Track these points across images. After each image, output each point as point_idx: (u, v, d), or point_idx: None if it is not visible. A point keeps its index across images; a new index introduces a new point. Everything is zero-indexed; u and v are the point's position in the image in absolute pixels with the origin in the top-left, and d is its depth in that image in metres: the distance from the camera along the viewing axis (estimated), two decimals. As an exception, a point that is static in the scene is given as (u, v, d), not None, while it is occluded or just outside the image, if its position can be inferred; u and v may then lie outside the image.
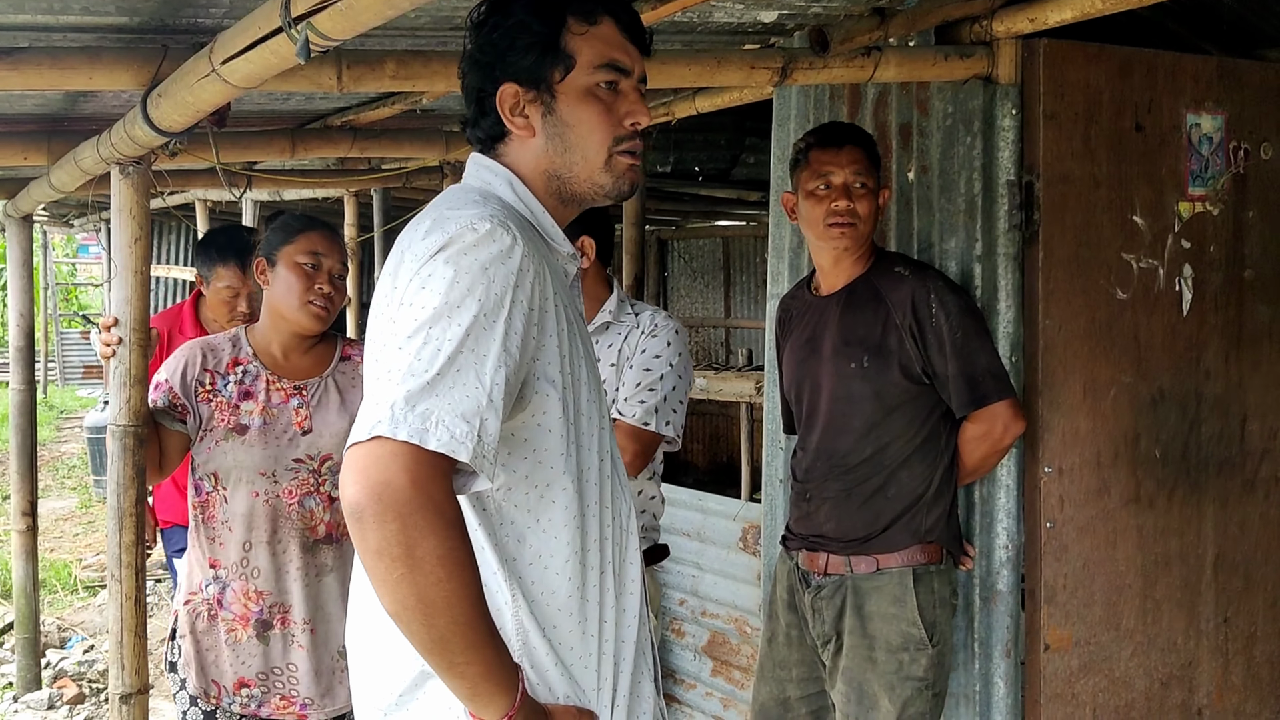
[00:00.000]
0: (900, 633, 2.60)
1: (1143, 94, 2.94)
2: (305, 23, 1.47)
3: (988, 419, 2.62)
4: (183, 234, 12.90)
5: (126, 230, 2.77)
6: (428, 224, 1.48)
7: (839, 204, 2.63)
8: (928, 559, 2.65)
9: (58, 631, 5.89)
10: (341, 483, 1.33)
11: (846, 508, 2.70)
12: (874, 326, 2.65)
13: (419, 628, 1.34)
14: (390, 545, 1.29)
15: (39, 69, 2.25)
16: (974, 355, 2.59)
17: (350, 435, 1.35)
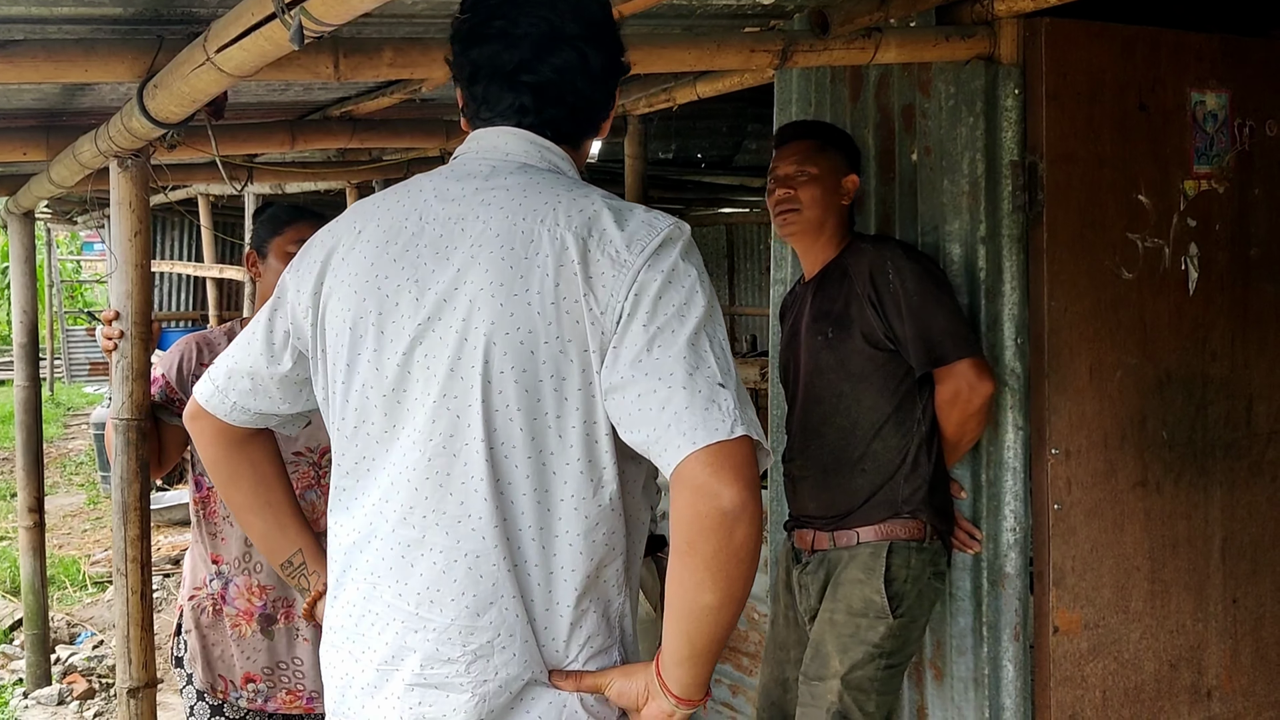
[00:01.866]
0: (863, 598, 2.64)
1: (1146, 72, 2.92)
2: (298, 8, 1.46)
3: (952, 379, 2.63)
4: (186, 229, 12.92)
5: (126, 224, 2.76)
6: (609, 216, 1.45)
7: (778, 193, 2.79)
8: (909, 535, 2.67)
9: (67, 627, 5.90)
10: (706, 482, 1.34)
11: (825, 484, 2.75)
12: (838, 299, 2.73)
13: (726, 619, 1.41)
14: (753, 538, 1.36)
15: (34, 62, 2.23)
16: (930, 316, 2.62)
17: (682, 434, 1.36)
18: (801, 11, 2.98)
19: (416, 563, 1.50)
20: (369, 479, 1.56)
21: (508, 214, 1.48)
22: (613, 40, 1.61)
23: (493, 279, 1.45)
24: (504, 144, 1.57)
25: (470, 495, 1.47)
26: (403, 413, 1.51)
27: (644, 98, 4.16)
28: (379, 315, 1.53)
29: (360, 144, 4.09)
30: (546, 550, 1.48)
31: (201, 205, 8.25)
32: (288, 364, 1.67)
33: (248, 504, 1.80)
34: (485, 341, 1.44)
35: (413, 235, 1.53)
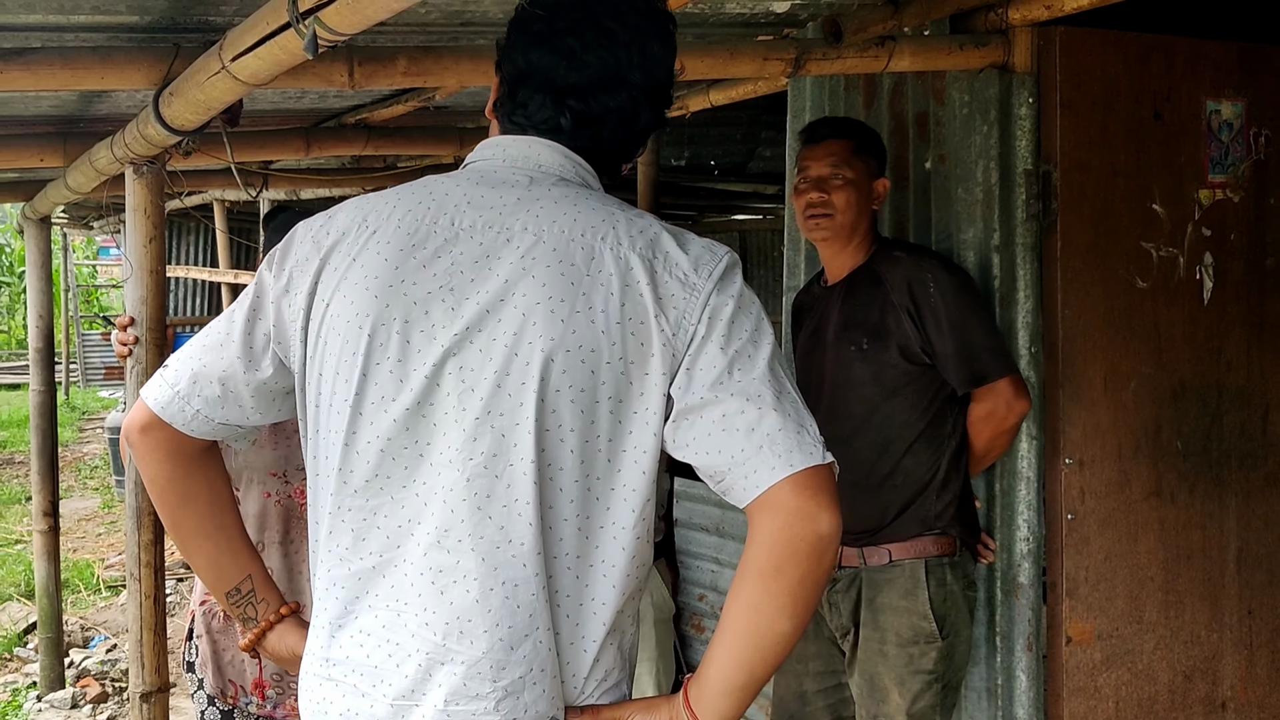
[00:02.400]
0: (911, 626, 2.59)
1: (1161, 81, 2.91)
2: (313, 17, 1.46)
3: (990, 397, 2.61)
4: (201, 235, 12.98)
5: (141, 230, 2.77)
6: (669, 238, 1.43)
7: (811, 196, 2.70)
8: (940, 550, 2.63)
9: (81, 631, 5.93)
10: (803, 505, 1.35)
11: (853, 498, 2.65)
12: (872, 309, 2.66)
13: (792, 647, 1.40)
14: (833, 568, 1.38)
15: (51, 69, 2.24)
16: (972, 332, 2.58)
17: (777, 455, 1.35)
18: (814, 20, 2.98)
19: (448, 590, 1.40)
20: (391, 496, 1.44)
21: (562, 228, 1.42)
22: (666, 101, 1.57)
23: (551, 294, 1.38)
24: (536, 154, 1.50)
25: (513, 520, 1.38)
26: (430, 429, 1.41)
27: (657, 105, 4.16)
28: (404, 323, 1.42)
29: (375, 150, 4.10)
30: (580, 581, 1.41)
31: (217, 211, 8.28)
32: (268, 371, 1.53)
33: (200, 528, 1.64)
34: (543, 358, 1.37)
35: (445, 241, 1.44)
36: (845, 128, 2.79)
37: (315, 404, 1.49)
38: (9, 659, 5.72)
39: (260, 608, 1.71)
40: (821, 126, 2.80)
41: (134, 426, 1.59)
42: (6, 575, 7.05)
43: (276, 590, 1.73)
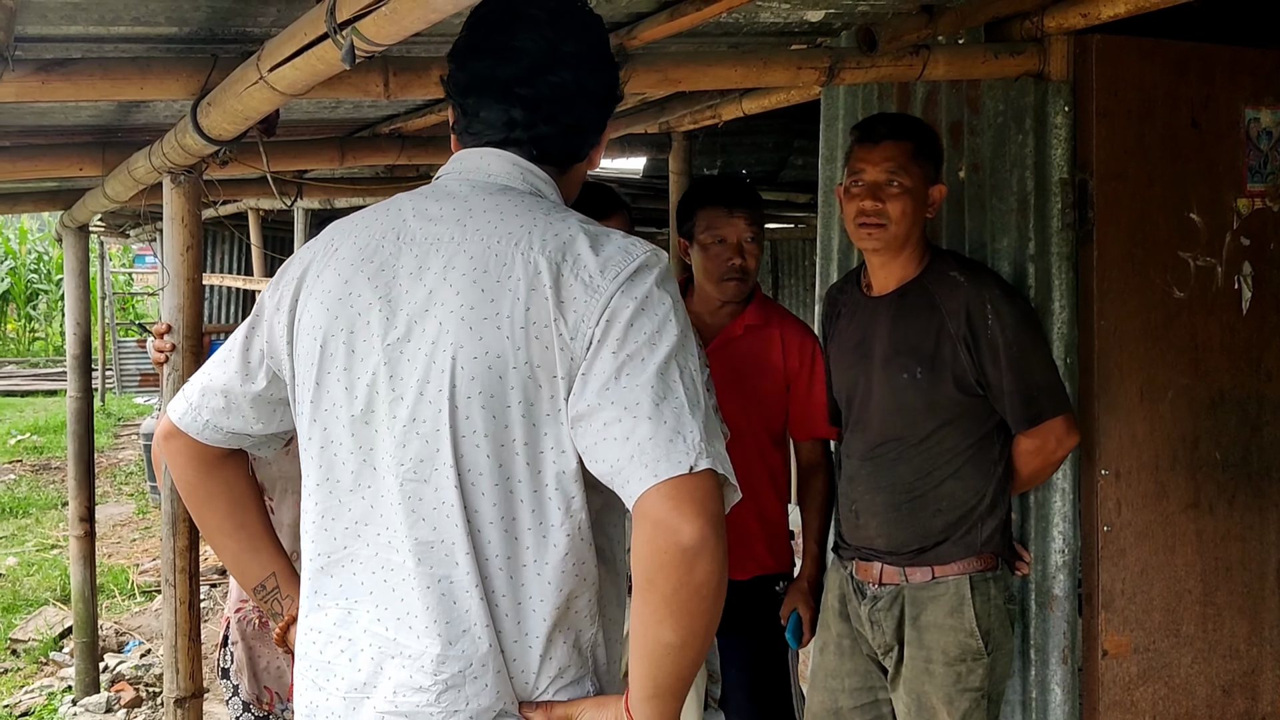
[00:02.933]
0: (958, 644, 2.55)
1: (1199, 89, 2.89)
2: (350, 28, 1.48)
3: (1041, 435, 2.55)
4: (235, 243, 13.08)
5: (178, 238, 2.80)
6: (584, 241, 1.44)
7: (864, 204, 2.56)
8: (983, 566, 2.60)
9: (115, 635, 5.98)
10: (665, 516, 1.32)
11: (895, 521, 2.63)
12: (927, 336, 2.56)
13: (694, 657, 1.39)
14: (715, 575, 1.34)
15: (91, 80, 2.27)
16: (1030, 370, 2.51)
17: (644, 465, 1.33)
18: (849, 29, 2.97)
19: (398, 587, 1.48)
20: (339, 500, 1.53)
21: (482, 236, 1.46)
22: (610, 66, 1.60)
23: (463, 301, 1.43)
24: (486, 164, 1.56)
25: (443, 522, 1.45)
26: (372, 434, 1.49)
27: (689, 114, 4.17)
28: (349, 334, 1.51)
29: (408, 160, 4.13)
30: (514, 580, 1.46)
31: (251, 219, 8.35)
32: (262, 383, 1.64)
33: (221, 527, 1.76)
34: (452, 365, 1.43)
35: (390, 255, 1.51)
36: (905, 128, 2.63)
37: (296, 413, 1.61)
38: (45, 663, 5.77)
39: (285, 603, 1.81)
40: (880, 125, 2.63)
41: (160, 435, 1.75)
42: (43, 580, 7.13)
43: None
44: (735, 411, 2.89)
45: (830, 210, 3.41)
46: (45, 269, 23.83)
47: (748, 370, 3.02)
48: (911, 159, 2.56)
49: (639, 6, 2.48)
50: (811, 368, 3.02)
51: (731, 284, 3.00)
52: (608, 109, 1.62)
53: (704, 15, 2.33)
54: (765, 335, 3.05)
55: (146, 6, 2.14)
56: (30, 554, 7.87)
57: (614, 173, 6.74)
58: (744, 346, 3.04)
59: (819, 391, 3.01)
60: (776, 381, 3.03)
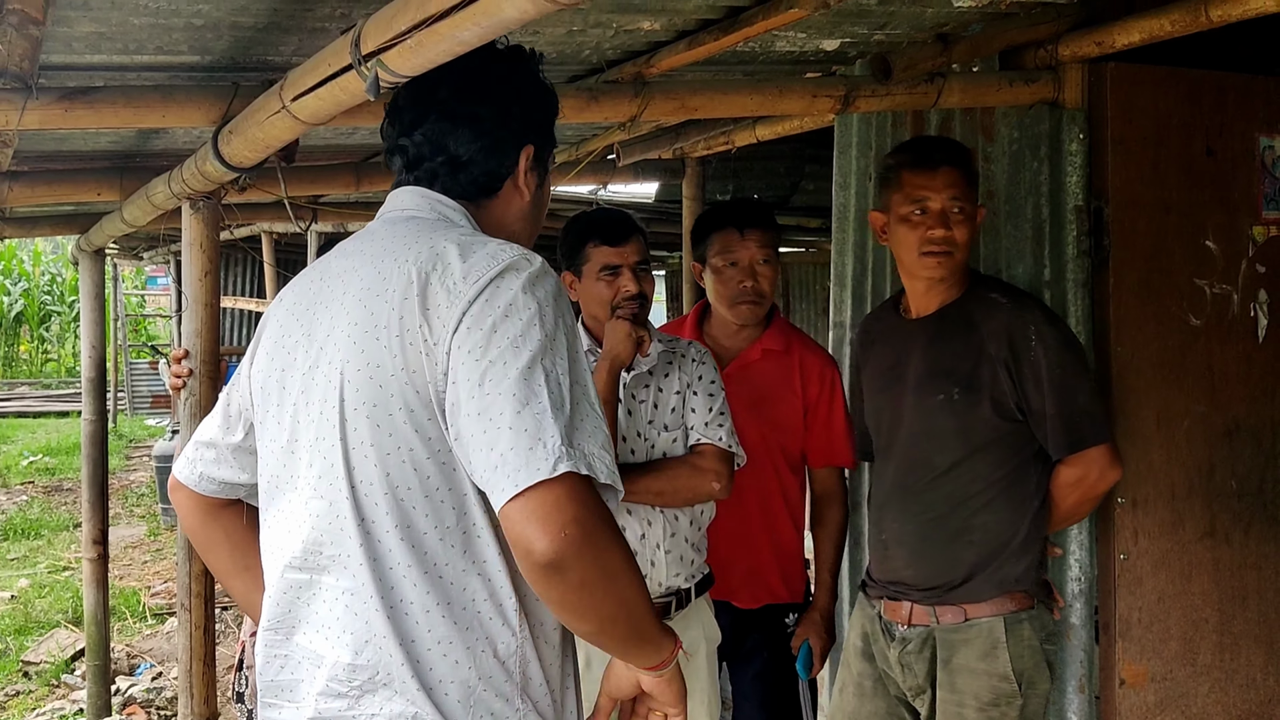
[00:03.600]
0: (991, 688, 2.48)
1: (1213, 117, 2.89)
2: (375, 60, 1.49)
3: (1083, 464, 2.47)
4: (249, 266, 13.13)
5: (197, 264, 2.82)
6: (455, 250, 1.47)
7: (935, 233, 2.48)
8: (1018, 606, 2.52)
9: (127, 658, 5.98)
10: (519, 535, 1.32)
11: (924, 552, 2.57)
12: (965, 357, 2.51)
13: (622, 627, 1.44)
14: (590, 573, 1.34)
15: (114, 108, 2.29)
16: (1073, 394, 2.44)
17: (502, 481, 1.32)
18: (864, 57, 2.98)
19: (311, 602, 1.55)
20: (273, 528, 1.62)
21: (374, 259, 1.54)
22: (492, 96, 1.64)
23: (350, 319, 1.51)
24: (402, 201, 1.65)
25: (338, 535, 1.50)
26: (295, 461, 1.57)
27: (702, 140, 4.19)
28: (281, 372, 1.60)
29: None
30: (420, 588, 1.46)
31: (265, 243, 8.39)
32: (240, 434, 1.73)
33: (226, 569, 1.85)
34: (340, 379, 1.49)
35: (314, 294, 1.61)
36: (959, 154, 2.57)
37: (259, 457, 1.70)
38: (57, 686, 5.77)
39: None
40: (936, 151, 2.56)
41: (170, 488, 1.85)
42: (55, 602, 7.13)
43: None
44: (752, 437, 2.88)
45: (844, 236, 3.42)
46: (59, 290, 23.94)
47: (765, 395, 3.01)
48: (970, 185, 2.54)
49: (658, 36, 2.49)
50: (831, 395, 3.02)
51: (744, 307, 2.99)
52: (503, 136, 1.64)
53: (722, 45, 2.35)
54: (784, 361, 3.04)
55: (170, 36, 2.17)
56: (42, 576, 7.88)
57: (626, 198, 6.77)
58: (762, 371, 3.04)
59: (837, 419, 3.01)
60: (794, 408, 3.02)
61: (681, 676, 1.59)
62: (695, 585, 2.77)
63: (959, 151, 2.60)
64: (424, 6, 1.31)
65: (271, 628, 1.61)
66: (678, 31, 2.47)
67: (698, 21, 2.40)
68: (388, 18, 1.43)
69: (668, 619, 2.72)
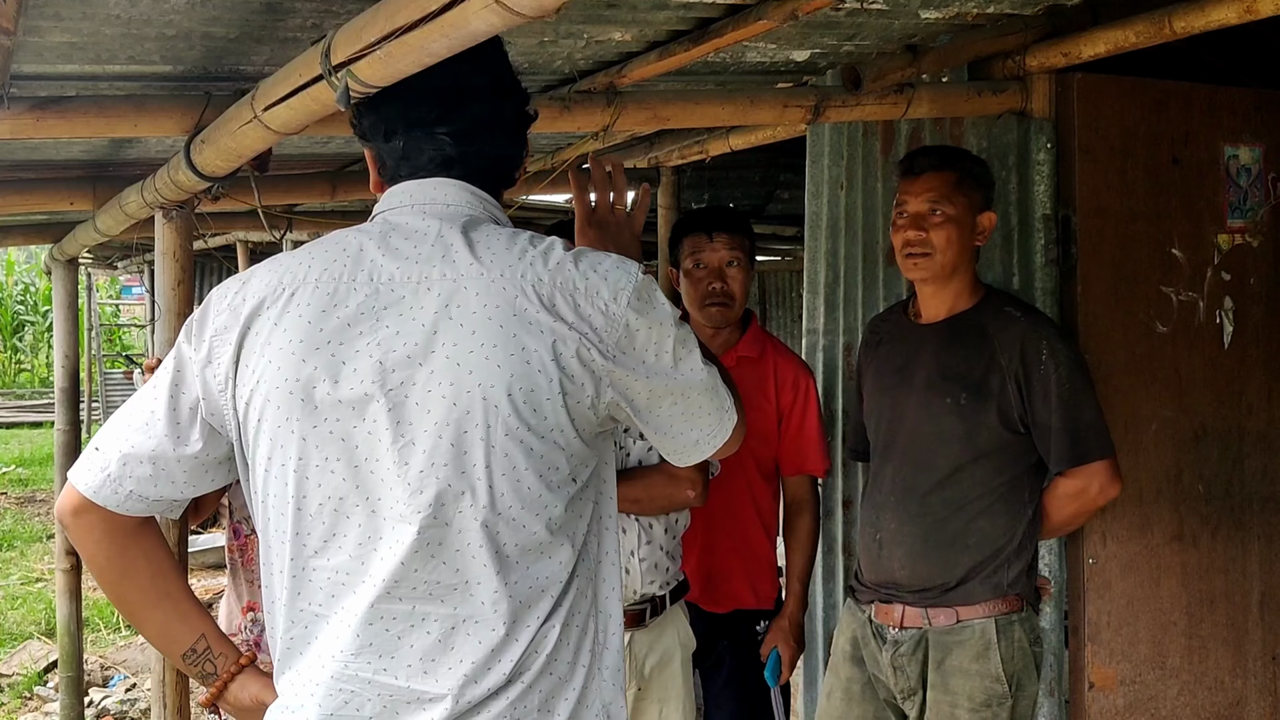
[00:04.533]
0: (984, 689, 2.52)
1: (1179, 127, 2.93)
2: (345, 70, 1.49)
3: (1085, 476, 2.52)
4: (224, 275, 13.07)
5: (170, 273, 2.81)
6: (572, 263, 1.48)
7: (907, 234, 2.57)
8: (1009, 608, 2.57)
9: (100, 670, 5.94)
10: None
11: (920, 553, 2.60)
12: (976, 365, 2.55)
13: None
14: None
15: (86, 117, 2.29)
16: (1080, 410, 2.49)
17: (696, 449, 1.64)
18: (834, 67, 3.01)
19: (405, 635, 1.45)
20: (333, 553, 1.47)
21: (482, 269, 1.44)
22: (518, 90, 1.62)
23: (482, 340, 1.41)
24: (442, 195, 1.53)
25: (468, 563, 1.44)
26: (376, 483, 1.44)
27: (677, 149, 4.21)
28: (334, 383, 1.44)
29: (399, 194, 4.14)
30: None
31: (240, 252, 8.36)
32: (197, 444, 1.53)
33: (144, 599, 1.63)
34: (484, 404, 1.40)
35: (366, 297, 1.46)
36: (946, 159, 2.63)
37: (263, 469, 1.50)
38: (29, 697, 5.73)
39: (219, 662, 1.69)
40: (920, 158, 2.65)
41: (66, 510, 1.58)
42: (27, 613, 7.08)
43: (231, 644, 1.72)
44: None
45: (817, 244, 3.45)
46: (32, 300, 23.78)
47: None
48: (955, 188, 2.57)
49: (629, 46, 2.51)
50: (805, 403, 3.04)
51: (714, 309, 3.00)
52: (524, 132, 1.64)
53: (693, 55, 2.37)
54: (759, 368, 3.06)
55: (142, 46, 2.17)
56: (14, 587, 7.82)
57: (602, 206, 6.77)
58: (736, 378, 3.03)
59: (810, 427, 3.03)
60: (768, 415, 3.03)
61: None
62: (670, 592, 2.79)
63: (951, 158, 2.64)
64: (393, 19, 1.32)
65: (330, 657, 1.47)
66: (649, 42, 2.49)
67: (669, 33, 2.42)
68: (357, 29, 1.43)
69: (642, 627, 2.73)
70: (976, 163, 2.69)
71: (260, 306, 1.50)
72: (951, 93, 2.84)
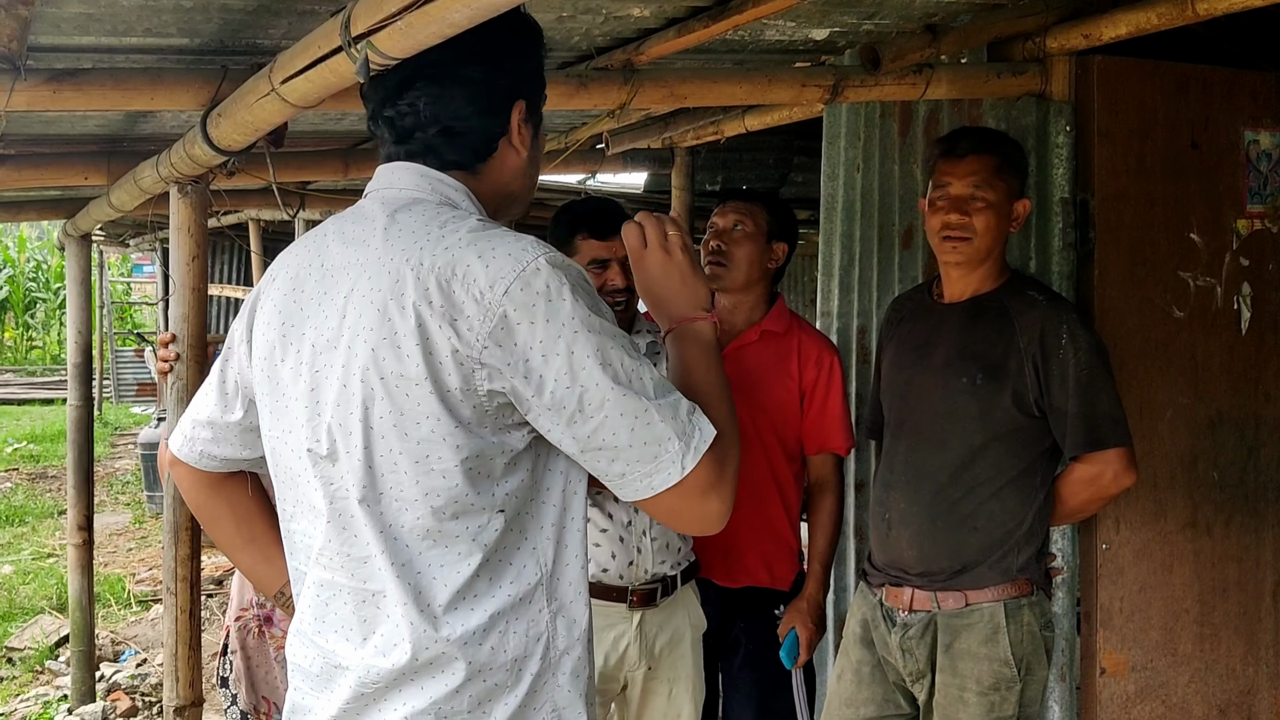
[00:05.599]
0: (992, 673, 2.52)
1: (1199, 111, 2.91)
2: (365, 41, 1.49)
3: (1100, 463, 2.49)
4: (236, 253, 13.10)
5: (184, 248, 2.81)
6: (474, 253, 1.40)
7: (950, 217, 2.55)
8: (1018, 592, 2.56)
9: (111, 645, 5.97)
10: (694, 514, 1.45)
11: (930, 535, 2.59)
12: (995, 345, 2.54)
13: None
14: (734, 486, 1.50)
15: (103, 90, 2.29)
16: (1098, 396, 2.47)
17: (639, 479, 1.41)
18: (853, 47, 2.99)
19: (330, 602, 1.52)
20: (299, 518, 1.57)
21: (379, 254, 1.46)
22: (481, 53, 1.52)
23: (366, 324, 1.43)
24: (398, 179, 1.56)
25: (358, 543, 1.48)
26: (310, 457, 1.51)
27: (691, 130, 4.19)
28: (283, 362, 1.55)
29: (412, 173, 4.14)
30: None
31: (252, 230, 8.38)
32: (239, 412, 1.68)
33: (231, 542, 1.82)
34: (362, 389, 1.43)
35: (316, 281, 1.53)
36: (989, 142, 2.61)
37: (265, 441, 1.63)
38: (40, 671, 5.76)
39: None
40: (964, 140, 2.62)
41: (165, 464, 1.85)
42: (39, 588, 7.12)
43: None
44: (743, 418, 2.90)
45: (832, 226, 3.43)
46: (43, 277, 23.83)
47: (759, 379, 3.01)
48: (995, 173, 2.55)
49: (647, 23, 2.50)
50: (829, 380, 3.01)
51: (710, 268, 2.98)
52: (494, 99, 1.55)
53: (711, 32, 2.35)
54: (783, 344, 3.04)
55: (159, 18, 2.16)
56: (26, 562, 7.86)
57: (615, 187, 6.77)
58: (758, 354, 3.04)
59: (834, 405, 3.01)
60: (790, 392, 3.01)
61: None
62: (681, 573, 2.78)
63: (993, 141, 2.62)
64: (414, -12, 1.32)
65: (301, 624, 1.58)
66: (668, 19, 2.48)
67: (688, 9, 2.41)
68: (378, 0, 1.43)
69: (653, 606, 2.73)
70: (1016, 148, 2.66)
71: (262, 290, 1.64)
72: (970, 74, 2.82)
